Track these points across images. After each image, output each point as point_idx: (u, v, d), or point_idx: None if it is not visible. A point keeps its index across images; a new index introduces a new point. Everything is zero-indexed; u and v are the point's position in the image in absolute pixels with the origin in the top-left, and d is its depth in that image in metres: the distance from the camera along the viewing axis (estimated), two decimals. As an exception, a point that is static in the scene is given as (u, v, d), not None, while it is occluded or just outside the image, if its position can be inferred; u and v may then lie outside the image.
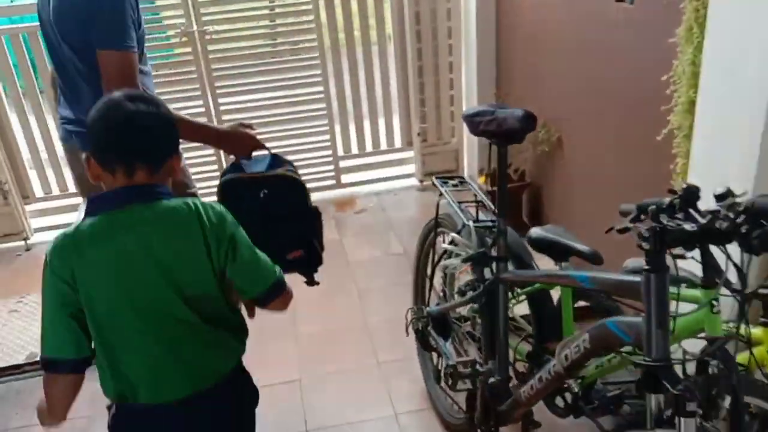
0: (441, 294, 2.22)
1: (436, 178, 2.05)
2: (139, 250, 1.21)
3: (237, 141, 1.95)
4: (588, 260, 1.60)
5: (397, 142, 4.26)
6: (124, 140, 1.23)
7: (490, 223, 1.77)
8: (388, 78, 4.08)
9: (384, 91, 4.10)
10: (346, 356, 2.63)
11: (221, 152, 3.76)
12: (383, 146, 4.26)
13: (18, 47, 3.59)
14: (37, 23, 2.00)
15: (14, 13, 4.34)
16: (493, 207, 1.87)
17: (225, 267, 1.28)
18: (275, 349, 2.68)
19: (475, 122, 1.68)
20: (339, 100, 4.05)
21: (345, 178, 4.26)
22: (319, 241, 1.98)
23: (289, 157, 4.14)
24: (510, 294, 1.76)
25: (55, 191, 3.92)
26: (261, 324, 2.82)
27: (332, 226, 3.78)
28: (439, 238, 2.16)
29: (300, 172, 2.49)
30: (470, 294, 1.79)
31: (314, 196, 4.18)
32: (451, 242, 1.91)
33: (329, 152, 4.14)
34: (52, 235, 3.84)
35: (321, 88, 3.96)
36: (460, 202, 1.91)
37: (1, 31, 3.69)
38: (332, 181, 4.21)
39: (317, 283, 2.07)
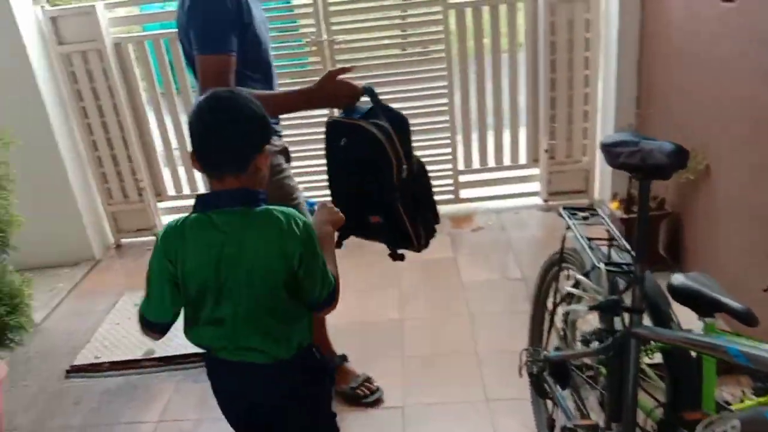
0: (561, 334, 2.02)
1: (564, 208, 1.86)
2: (225, 247, 1.39)
3: (330, 95, 1.90)
4: (740, 320, 1.36)
5: (522, 158, 4.04)
6: (206, 153, 1.40)
7: (625, 268, 1.56)
8: (516, 90, 3.88)
9: (511, 104, 3.91)
10: (452, 387, 2.48)
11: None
12: (507, 162, 4.06)
13: (159, 50, 3.78)
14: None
15: (164, 19, 4.61)
16: (628, 246, 1.66)
17: (296, 273, 1.41)
18: (381, 369, 2.58)
19: (615, 153, 1.48)
20: (463, 112, 3.91)
21: (464, 193, 4.11)
22: (430, 207, 1.97)
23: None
24: (642, 347, 1.55)
25: (186, 191, 4.10)
26: (367, 340, 2.81)
27: (447, 242, 3.65)
28: (564, 272, 1.96)
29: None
30: (596, 345, 1.59)
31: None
32: (576, 284, 1.72)
33: (449, 166, 4.01)
34: (180, 232, 4.11)
35: (446, 101, 3.84)
36: (590, 239, 1.71)
37: (147, 36, 3.92)
38: (450, 196, 4.08)
39: (401, 258, 1.97)
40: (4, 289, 2.21)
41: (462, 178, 4.07)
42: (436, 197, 3.89)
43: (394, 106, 4.04)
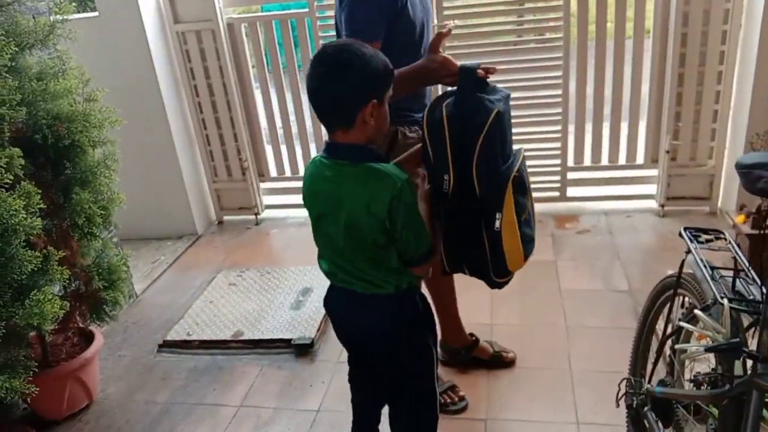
0: (668, 368, 1.81)
1: (685, 228, 1.64)
2: (327, 197, 1.52)
3: (434, 75, 1.80)
4: None
5: (640, 158, 3.73)
6: (315, 108, 1.47)
7: (751, 307, 1.34)
8: (639, 82, 3.56)
9: (632, 98, 3.59)
10: (540, 404, 2.31)
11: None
12: (622, 161, 3.76)
13: (270, 32, 3.80)
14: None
15: (280, 0, 4.65)
16: (758, 279, 1.44)
17: (393, 227, 1.47)
18: (466, 377, 2.45)
19: (754, 176, 1.26)
20: (578, 103, 3.64)
21: (571, 192, 3.86)
22: (479, 250, 1.68)
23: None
24: (766, 398, 1.33)
25: (288, 173, 4.13)
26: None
27: (548, 244, 3.44)
28: (678, 298, 1.74)
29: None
30: (709, 390, 1.39)
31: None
32: (692, 318, 1.50)
33: (557, 161, 3.77)
34: (280, 213, 4.17)
35: (559, 92, 3.60)
36: (713, 268, 1.49)
37: (259, 17, 3.95)
38: (556, 193, 3.85)
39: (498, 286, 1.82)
40: (104, 265, 2.28)
41: (570, 175, 3.81)
42: (541, 194, 3.77)
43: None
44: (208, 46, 3.73)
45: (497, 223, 1.58)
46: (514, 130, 3.51)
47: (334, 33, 3.79)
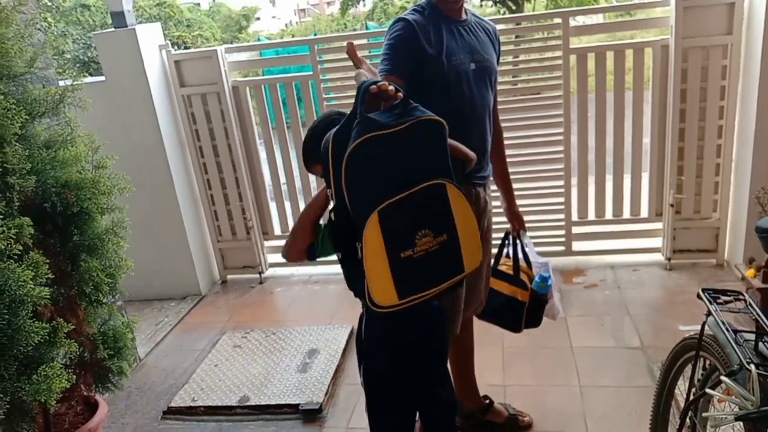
0: (689, 428, 1.76)
1: (704, 290, 1.62)
2: None
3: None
4: None
5: (644, 211, 3.74)
6: None
7: (781, 373, 1.31)
8: (640, 136, 3.60)
9: (634, 152, 3.63)
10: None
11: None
12: (626, 214, 3.77)
13: (274, 93, 3.86)
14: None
15: (281, 64, 4.75)
16: (783, 342, 1.41)
17: None
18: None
19: (775, 240, 1.26)
20: (580, 157, 3.67)
21: (576, 245, 3.85)
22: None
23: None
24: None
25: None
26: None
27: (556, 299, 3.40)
28: (700, 361, 1.71)
29: (528, 234, 2.23)
30: (741, 461, 1.34)
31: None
32: (716, 384, 1.47)
33: (561, 216, 3.78)
34: (284, 271, 4.14)
35: (561, 148, 3.63)
36: (737, 331, 1.46)
37: (264, 80, 4.02)
38: (561, 248, 3.84)
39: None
40: (109, 333, 2.24)
41: (575, 230, 3.81)
42: (546, 248, 3.76)
43: (507, 152, 3.82)
44: (213, 108, 3.78)
45: (359, 252, 1.46)
46: (518, 185, 3.50)
47: (335, 94, 3.84)
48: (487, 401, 2.46)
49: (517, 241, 2.05)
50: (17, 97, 2.09)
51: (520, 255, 1.98)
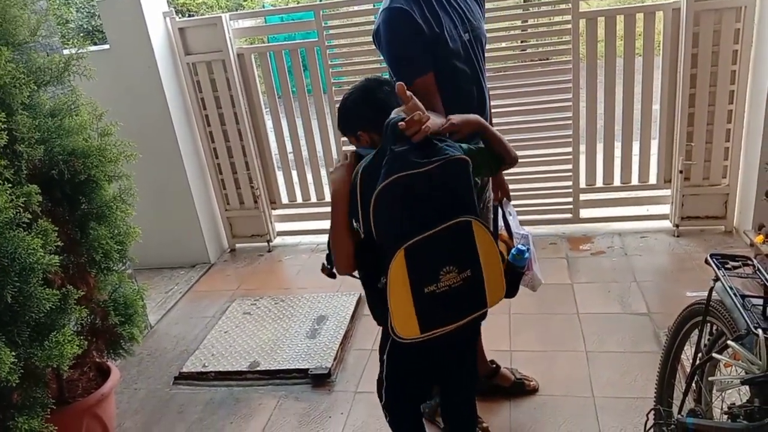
0: (694, 393, 1.77)
1: (712, 255, 1.61)
2: None
3: None
4: None
5: (653, 178, 3.71)
6: None
7: (788, 337, 1.31)
8: (649, 102, 3.55)
9: (643, 119, 3.58)
10: (565, 432, 2.28)
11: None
12: (634, 181, 3.74)
13: (280, 60, 3.82)
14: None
15: (286, 31, 4.69)
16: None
17: None
18: (486, 405, 2.41)
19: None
20: (588, 124, 3.63)
21: (584, 213, 3.84)
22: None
23: (524, 185, 3.80)
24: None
25: (299, 199, 4.13)
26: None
27: (563, 266, 3.42)
28: (707, 326, 1.71)
29: (535, 202, 2.20)
30: (745, 423, 1.35)
31: (546, 230, 3.85)
32: (723, 348, 1.47)
33: (569, 183, 3.76)
34: (291, 240, 4.15)
35: (569, 114, 3.60)
36: (744, 296, 1.46)
37: (270, 47, 3.98)
38: (568, 215, 3.83)
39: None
40: (120, 299, 2.27)
41: (583, 197, 3.80)
42: (553, 216, 3.75)
43: (510, 119, 3.75)
44: (219, 76, 3.75)
45: (381, 281, 1.50)
46: (524, 153, 3.44)
47: (342, 61, 3.80)
48: (494, 365, 2.49)
49: (499, 210, 2.05)
50: (23, 66, 2.08)
51: (501, 224, 1.98)
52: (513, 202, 2.30)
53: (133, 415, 2.64)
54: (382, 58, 1.93)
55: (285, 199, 4.15)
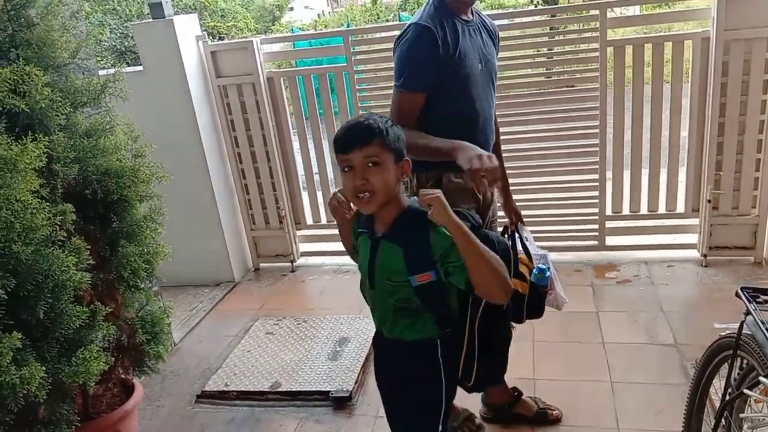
0: (724, 428, 1.73)
1: (743, 288, 1.59)
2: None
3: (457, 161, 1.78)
4: None
5: (680, 207, 3.67)
6: None
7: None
8: (677, 129, 3.53)
9: (671, 147, 3.56)
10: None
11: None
12: (661, 209, 3.71)
13: (308, 84, 3.88)
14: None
15: (315, 56, 4.77)
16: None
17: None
18: (509, 427, 2.40)
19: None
20: (615, 152, 3.61)
21: (609, 240, 3.81)
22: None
23: (550, 212, 3.82)
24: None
25: (323, 220, 4.16)
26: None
27: (588, 294, 3.38)
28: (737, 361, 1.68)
29: (560, 228, 2.22)
30: (778, 462, 1.32)
31: (572, 257, 3.82)
32: (753, 384, 1.45)
33: (595, 210, 3.73)
34: (315, 261, 4.18)
35: (596, 141, 3.59)
36: (776, 332, 1.44)
37: (299, 71, 4.04)
38: (594, 242, 3.80)
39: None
40: (147, 317, 2.30)
41: (609, 224, 3.77)
42: (578, 242, 3.72)
43: (537, 145, 3.79)
44: (249, 99, 3.82)
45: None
46: (550, 179, 3.51)
47: (368, 86, 3.86)
48: (516, 393, 2.46)
49: (516, 235, 2.07)
50: (61, 87, 2.14)
51: (520, 248, 2.00)
52: (538, 228, 2.30)
53: (155, 433, 2.66)
54: None
55: (309, 220, 4.19)
